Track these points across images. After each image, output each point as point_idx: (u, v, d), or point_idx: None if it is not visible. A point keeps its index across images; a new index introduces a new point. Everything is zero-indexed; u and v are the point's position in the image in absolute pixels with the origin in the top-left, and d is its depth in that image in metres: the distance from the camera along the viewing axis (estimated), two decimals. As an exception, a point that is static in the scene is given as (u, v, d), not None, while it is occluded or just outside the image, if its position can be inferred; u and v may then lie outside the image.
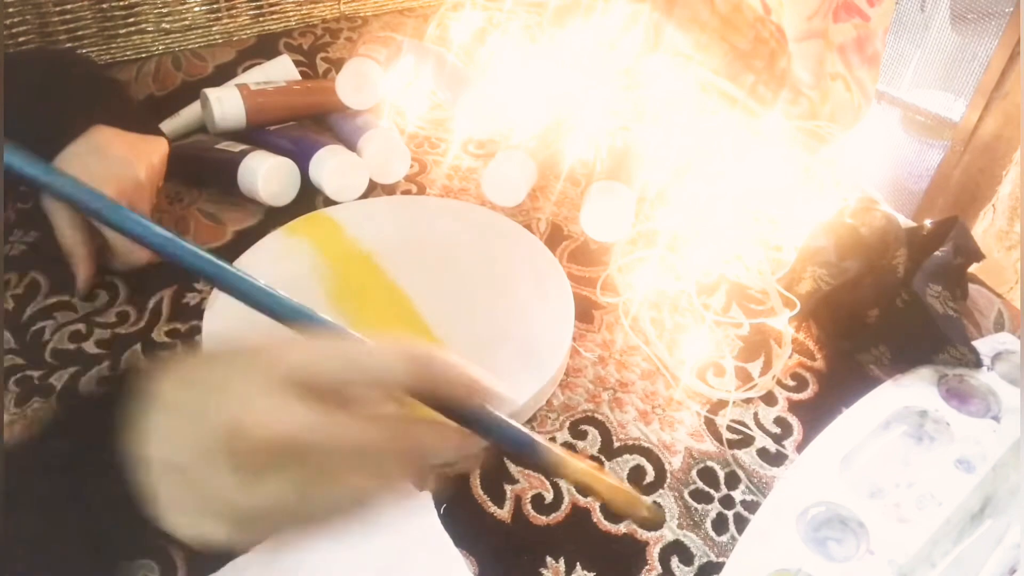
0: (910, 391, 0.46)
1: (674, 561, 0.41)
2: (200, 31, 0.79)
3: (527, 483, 0.44)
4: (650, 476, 0.45)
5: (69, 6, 0.72)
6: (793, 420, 0.49)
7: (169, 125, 0.69)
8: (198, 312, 0.53)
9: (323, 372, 0.25)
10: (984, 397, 0.46)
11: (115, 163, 0.49)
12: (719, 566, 0.40)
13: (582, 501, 0.43)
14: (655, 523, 0.36)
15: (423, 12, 0.89)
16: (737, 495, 0.44)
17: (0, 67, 0.47)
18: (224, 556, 0.39)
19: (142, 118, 0.57)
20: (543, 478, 0.44)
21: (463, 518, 0.42)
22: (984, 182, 1.24)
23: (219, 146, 0.64)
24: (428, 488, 0.39)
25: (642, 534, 0.42)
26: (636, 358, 0.52)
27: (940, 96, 1.37)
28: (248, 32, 0.81)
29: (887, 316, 0.49)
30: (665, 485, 0.44)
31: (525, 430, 0.30)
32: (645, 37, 0.77)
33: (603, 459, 0.45)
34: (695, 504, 0.43)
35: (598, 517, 0.42)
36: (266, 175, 0.60)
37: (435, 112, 0.75)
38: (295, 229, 0.58)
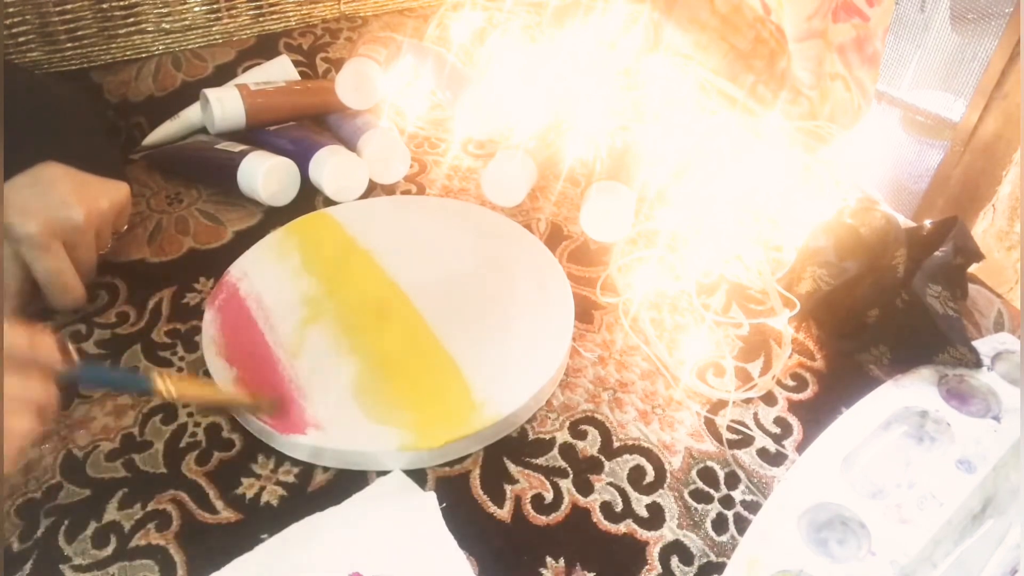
0: (910, 391, 0.46)
1: (674, 561, 0.41)
2: (200, 31, 0.79)
3: (527, 483, 0.44)
4: (650, 476, 0.45)
5: (69, 6, 0.72)
6: (793, 420, 0.49)
7: (169, 126, 0.69)
8: (198, 312, 0.53)
9: None
10: (984, 397, 0.46)
11: (53, 201, 0.48)
12: (719, 566, 0.40)
13: (582, 501, 0.43)
14: (271, 409, 0.45)
15: (423, 12, 0.89)
16: (737, 495, 0.44)
17: (0, 69, 0.47)
18: (225, 555, 0.39)
19: (106, 160, 0.56)
20: (543, 478, 0.44)
21: (463, 518, 0.42)
22: (984, 182, 1.24)
23: (219, 146, 0.64)
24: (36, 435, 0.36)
25: (642, 534, 0.42)
26: (636, 358, 0.52)
27: (940, 96, 1.37)
28: (248, 32, 0.81)
29: (887, 316, 0.49)
30: (665, 485, 0.44)
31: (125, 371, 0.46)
32: (645, 37, 0.77)
33: (603, 459, 0.45)
34: (695, 504, 0.43)
35: (598, 517, 0.42)
36: (266, 175, 0.60)
37: (435, 112, 0.75)
38: (295, 229, 0.58)
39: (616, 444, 0.46)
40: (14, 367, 0.35)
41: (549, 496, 0.43)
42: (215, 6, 0.79)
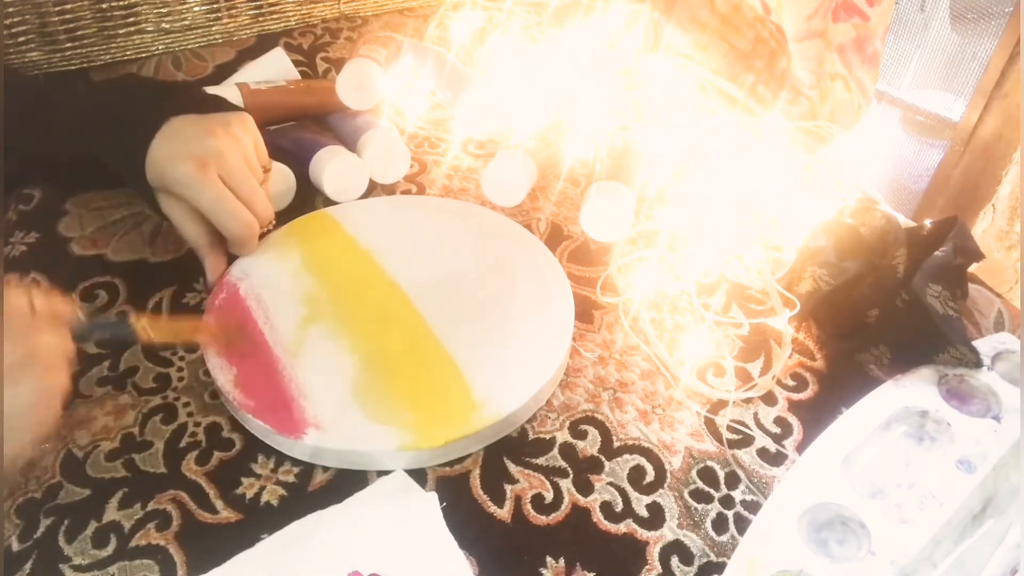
0: (910, 391, 0.46)
1: (674, 561, 0.41)
2: (200, 31, 0.79)
3: (527, 483, 0.44)
4: (650, 476, 0.45)
5: (69, 6, 0.72)
6: (793, 420, 0.49)
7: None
8: (198, 312, 0.53)
9: None
10: (984, 397, 0.46)
11: (190, 142, 0.50)
12: (719, 566, 0.40)
13: (582, 501, 0.43)
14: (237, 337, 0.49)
15: (423, 12, 0.89)
16: (737, 495, 0.44)
17: (0, 69, 0.47)
18: (225, 555, 0.39)
19: (214, 103, 0.58)
20: (543, 478, 0.44)
21: (463, 518, 0.42)
22: (984, 182, 1.25)
23: (219, 146, 0.64)
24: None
25: (642, 534, 0.42)
26: (636, 358, 0.52)
27: (940, 96, 1.37)
28: (248, 32, 0.81)
29: (887, 316, 0.49)
30: (665, 485, 0.44)
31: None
32: (645, 37, 0.77)
33: (603, 459, 0.45)
34: (695, 504, 0.43)
35: (598, 517, 0.42)
36: (266, 175, 0.60)
37: (435, 112, 0.75)
38: (295, 229, 0.58)
39: (616, 444, 0.46)
40: (44, 325, 0.38)
41: (549, 496, 0.43)
42: (215, 6, 0.79)
